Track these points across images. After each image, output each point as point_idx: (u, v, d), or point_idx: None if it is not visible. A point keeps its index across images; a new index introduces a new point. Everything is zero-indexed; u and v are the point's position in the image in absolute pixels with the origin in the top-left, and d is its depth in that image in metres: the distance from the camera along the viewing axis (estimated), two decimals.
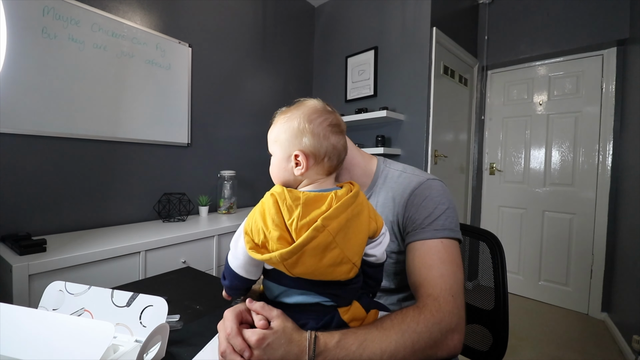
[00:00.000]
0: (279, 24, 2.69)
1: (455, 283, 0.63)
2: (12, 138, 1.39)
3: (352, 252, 0.51)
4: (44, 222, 1.49)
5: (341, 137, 0.60)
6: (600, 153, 2.46)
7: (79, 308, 0.62)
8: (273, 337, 0.49)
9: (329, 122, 0.58)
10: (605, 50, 2.42)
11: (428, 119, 2.28)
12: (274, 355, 0.48)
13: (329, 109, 0.61)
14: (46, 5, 1.45)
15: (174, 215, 1.90)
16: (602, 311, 2.40)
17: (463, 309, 0.61)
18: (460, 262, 0.67)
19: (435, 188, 0.75)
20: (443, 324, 0.57)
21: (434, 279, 0.62)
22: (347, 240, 0.51)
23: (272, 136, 0.62)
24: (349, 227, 0.51)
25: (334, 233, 0.49)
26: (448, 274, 0.63)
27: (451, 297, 0.60)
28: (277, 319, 0.51)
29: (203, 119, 2.16)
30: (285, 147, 0.58)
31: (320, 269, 0.49)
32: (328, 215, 0.49)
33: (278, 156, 0.60)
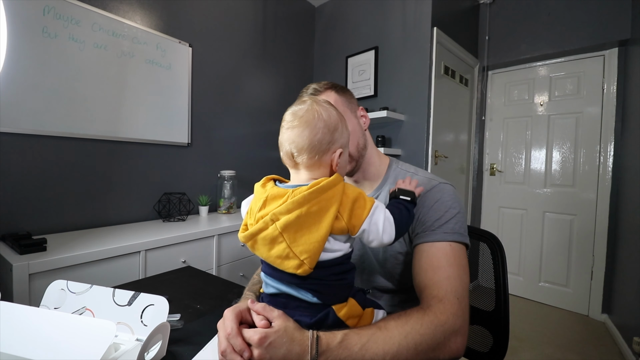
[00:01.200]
0: (279, 23, 2.69)
1: (460, 286, 0.63)
2: (12, 137, 1.39)
3: (300, 249, 0.52)
4: (44, 222, 1.49)
5: (285, 132, 0.60)
6: (601, 154, 2.45)
7: (80, 307, 0.62)
8: (275, 335, 0.49)
9: (284, 118, 0.63)
10: (606, 51, 2.42)
11: (428, 120, 2.28)
12: (276, 354, 0.48)
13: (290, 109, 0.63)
14: (47, 4, 1.45)
15: (174, 215, 1.90)
16: (602, 313, 2.40)
17: (467, 312, 0.62)
18: (466, 266, 0.67)
19: (447, 192, 0.76)
20: (446, 326, 0.57)
21: (440, 281, 0.63)
22: (297, 235, 0.52)
23: None
24: (301, 224, 0.52)
25: (281, 228, 0.52)
26: (454, 277, 0.63)
27: (456, 299, 0.60)
28: (279, 319, 0.51)
29: (203, 119, 2.16)
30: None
31: (270, 258, 0.54)
32: (278, 210, 0.53)
33: None
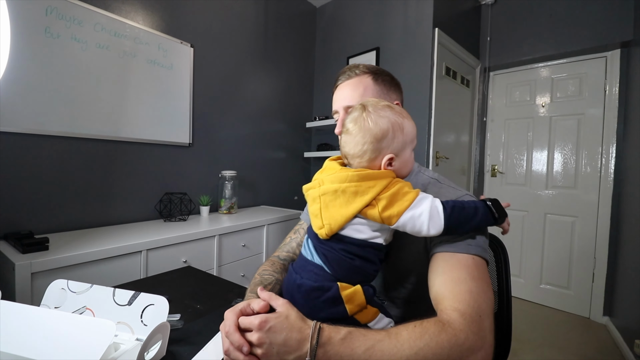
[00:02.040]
0: (280, 24, 2.70)
1: (484, 302, 0.56)
2: (15, 137, 1.40)
3: (326, 215, 0.60)
4: (46, 221, 1.49)
5: (341, 137, 0.69)
6: (603, 156, 2.45)
7: (80, 306, 0.62)
8: (275, 321, 0.50)
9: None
10: (608, 52, 2.41)
11: (430, 120, 2.28)
12: (275, 339, 0.49)
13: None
14: (49, 5, 1.46)
15: (175, 215, 1.90)
16: (603, 315, 2.39)
17: (491, 332, 0.54)
18: (490, 283, 0.61)
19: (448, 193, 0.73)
20: (465, 345, 0.50)
21: (462, 294, 0.56)
22: (329, 203, 0.60)
23: None
24: (336, 197, 0.59)
25: (320, 192, 0.61)
26: (478, 292, 0.56)
27: (479, 316, 0.53)
28: (283, 306, 0.53)
29: (204, 119, 2.17)
30: None
31: (309, 211, 0.65)
32: (326, 178, 0.63)
33: None
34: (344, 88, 0.81)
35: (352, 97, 0.79)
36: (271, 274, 0.79)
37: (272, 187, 2.69)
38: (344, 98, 0.80)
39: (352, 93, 0.79)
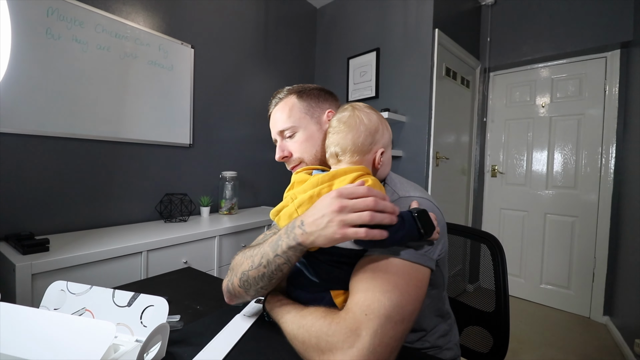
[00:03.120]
0: (280, 25, 2.70)
1: (378, 304, 0.51)
2: (15, 138, 1.40)
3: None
4: (46, 222, 1.50)
5: (330, 137, 0.72)
6: (603, 156, 2.45)
7: (80, 308, 0.62)
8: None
9: (330, 124, 0.77)
10: (608, 53, 2.41)
11: (430, 121, 2.28)
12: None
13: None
14: (50, 6, 1.46)
15: (175, 216, 1.91)
16: (604, 315, 2.39)
17: (379, 339, 0.49)
18: (405, 289, 0.55)
19: (406, 205, 0.65)
20: (332, 338, 0.50)
21: (358, 292, 0.55)
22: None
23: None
24: (314, 199, 0.59)
25: (296, 205, 0.62)
26: (377, 291, 0.53)
27: (363, 315, 0.51)
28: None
29: (205, 120, 2.17)
30: None
31: None
32: (298, 190, 0.64)
33: None
34: (274, 114, 0.83)
35: (282, 120, 0.80)
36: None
37: (273, 188, 2.70)
38: (276, 123, 0.82)
39: (280, 116, 0.81)
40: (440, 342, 0.75)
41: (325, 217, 0.52)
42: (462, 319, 0.98)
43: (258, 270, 0.61)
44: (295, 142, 0.80)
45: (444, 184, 2.52)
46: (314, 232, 0.53)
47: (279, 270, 0.60)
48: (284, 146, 0.81)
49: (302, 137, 0.79)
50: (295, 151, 0.80)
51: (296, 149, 0.80)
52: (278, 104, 0.83)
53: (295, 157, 0.80)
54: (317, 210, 0.54)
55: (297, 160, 0.80)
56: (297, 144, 0.79)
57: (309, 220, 0.54)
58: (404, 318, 0.53)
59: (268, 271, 0.60)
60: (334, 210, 0.51)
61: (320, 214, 0.53)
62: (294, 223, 0.57)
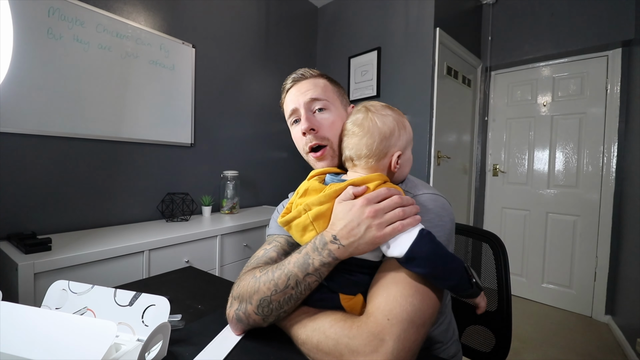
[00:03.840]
0: (282, 24, 2.70)
1: (398, 307, 0.51)
2: (17, 138, 1.40)
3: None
4: (49, 221, 1.50)
5: (345, 140, 0.71)
6: (605, 155, 2.44)
7: (81, 307, 0.62)
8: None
9: (344, 127, 0.74)
10: (610, 51, 2.40)
11: (431, 120, 2.28)
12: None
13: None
14: (52, 6, 1.46)
15: (177, 215, 1.91)
16: (605, 314, 2.38)
17: (403, 340, 0.49)
18: (423, 289, 0.55)
19: (421, 203, 0.65)
20: (354, 342, 0.49)
21: (378, 297, 0.54)
22: (325, 227, 0.59)
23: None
24: (329, 216, 0.59)
25: (312, 217, 0.59)
26: (396, 297, 0.53)
27: (386, 320, 0.50)
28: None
29: (206, 119, 2.17)
30: None
31: (303, 243, 0.61)
32: (311, 201, 0.60)
33: None
34: (302, 84, 0.78)
35: (315, 91, 0.76)
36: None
37: (274, 187, 2.70)
38: (305, 92, 0.76)
39: (314, 88, 0.76)
40: (441, 338, 0.75)
41: (362, 225, 0.54)
42: (464, 318, 0.98)
43: (284, 293, 0.57)
44: (326, 119, 0.75)
45: (446, 183, 2.51)
46: (353, 243, 0.54)
47: (309, 289, 0.57)
48: (312, 118, 0.74)
49: (332, 116, 0.75)
50: (325, 129, 0.74)
51: (327, 126, 0.74)
52: (307, 79, 0.78)
53: (322, 135, 0.74)
54: (349, 221, 0.55)
55: (323, 139, 0.74)
56: (327, 121, 0.74)
57: (343, 232, 0.55)
58: (425, 322, 0.53)
59: (296, 292, 0.57)
60: (369, 217, 0.54)
61: (355, 223, 0.54)
62: (323, 239, 0.56)
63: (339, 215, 0.57)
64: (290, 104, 0.78)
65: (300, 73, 0.79)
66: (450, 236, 0.64)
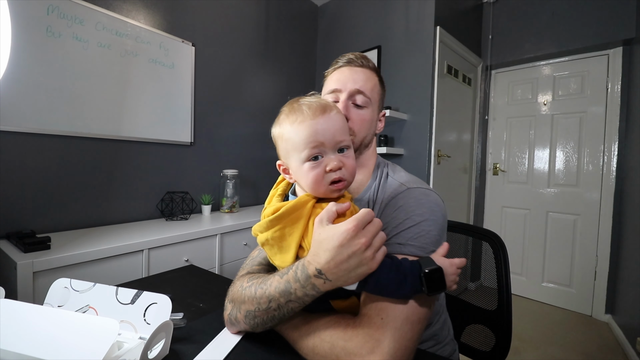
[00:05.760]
0: (282, 23, 2.69)
1: (391, 305, 0.50)
2: (16, 136, 1.40)
3: (277, 264, 0.58)
4: (48, 220, 1.50)
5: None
6: (605, 154, 2.44)
7: (83, 305, 0.62)
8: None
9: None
10: (610, 50, 2.40)
11: (431, 119, 2.28)
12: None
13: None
14: (50, 4, 1.46)
15: (176, 214, 1.91)
16: (606, 313, 2.39)
17: (398, 342, 0.48)
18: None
19: (414, 197, 0.64)
20: (350, 344, 0.49)
21: (369, 297, 0.53)
22: (270, 253, 0.58)
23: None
24: (272, 245, 0.56)
25: (260, 243, 0.59)
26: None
27: (380, 319, 0.50)
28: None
29: (206, 118, 2.17)
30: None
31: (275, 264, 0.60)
32: (256, 227, 0.58)
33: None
34: (357, 71, 0.75)
35: (365, 85, 0.73)
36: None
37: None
38: (356, 80, 0.73)
39: (365, 81, 0.74)
40: (436, 336, 0.75)
41: (354, 259, 0.46)
42: (463, 317, 0.98)
43: (267, 312, 0.55)
44: (361, 115, 0.72)
45: (446, 182, 2.51)
46: (341, 278, 0.48)
47: (292, 312, 0.54)
48: (349, 108, 0.72)
49: (368, 115, 0.73)
50: (356, 123, 0.72)
51: (358, 121, 0.72)
52: (363, 68, 0.75)
53: (350, 127, 0.71)
54: (337, 254, 0.46)
55: (350, 131, 0.71)
56: (360, 117, 0.72)
57: (330, 266, 0.47)
58: (420, 318, 0.52)
59: (279, 314, 0.54)
60: (361, 249, 0.46)
61: (345, 255, 0.46)
62: (305, 272, 0.50)
63: (323, 244, 0.48)
64: (335, 82, 0.75)
65: (360, 60, 0.76)
66: (442, 231, 0.63)
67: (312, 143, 0.54)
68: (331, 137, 0.55)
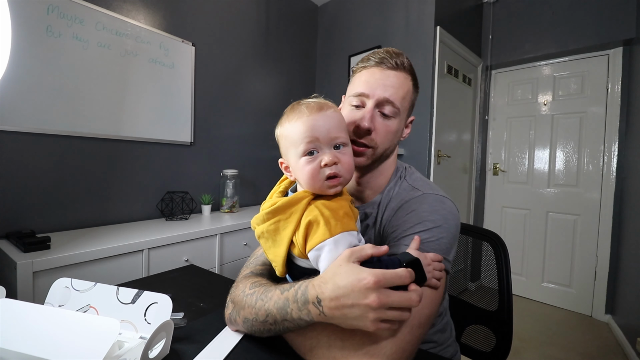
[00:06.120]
0: (282, 23, 2.69)
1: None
2: (16, 136, 1.40)
3: (271, 257, 0.60)
4: (48, 220, 1.49)
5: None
6: (605, 154, 2.44)
7: (84, 304, 0.62)
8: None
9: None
10: (611, 50, 2.41)
11: (431, 119, 2.28)
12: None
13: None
14: (50, 3, 1.46)
15: (176, 214, 1.90)
16: (605, 313, 2.39)
17: (392, 341, 0.48)
18: (424, 293, 0.51)
19: (428, 202, 0.63)
20: (346, 344, 0.49)
21: None
22: (265, 246, 0.60)
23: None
24: (267, 238, 0.58)
25: (257, 235, 0.61)
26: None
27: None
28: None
29: (206, 118, 2.17)
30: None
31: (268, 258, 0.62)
32: (254, 219, 0.61)
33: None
34: (390, 75, 0.67)
35: (397, 94, 0.66)
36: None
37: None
38: (389, 87, 0.66)
39: (398, 89, 0.67)
40: (437, 337, 0.75)
41: (356, 309, 0.43)
42: (464, 317, 0.98)
43: (264, 325, 0.55)
44: (387, 126, 0.67)
45: (446, 182, 2.51)
46: (336, 318, 0.46)
47: (288, 330, 0.54)
48: (375, 119, 0.66)
49: (395, 126, 0.68)
50: (381, 135, 0.67)
51: (384, 133, 0.67)
52: (397, 72, 0.67)
53: (373, 137, 0.66)
54: (344, 295, 0.44)
55: (371, 141, 0.66)
56: (386, 128, 0.67)
57: (331, 302, 0.45)
58: (422, 323, 0.51)
59: (275, 328, 0.54)
60: (369, 306, 0.42)
61: (350, 301, 0.43)
62: (306, 294, 0.48)
63: (336, 278, 0.45)
64: (363, 85, 0.68)
65: (394, 59, 0.67)
66: (453, 240, 0.62)
67: (307, 138, 0.55)
68: (326, 133, 0.55)
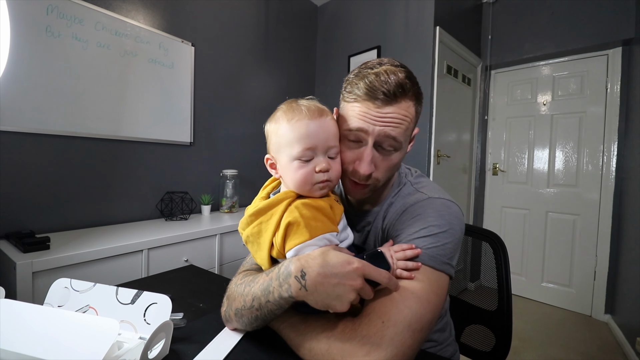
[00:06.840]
0: (281, 23, 2.69)
1: (394, 309, 0.50)
2: (16, 136, 1.40)
3: (258, 260, 0.62)
4: (47, 220, 1.49)
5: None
6: (605, 154, 2.44)
7: (84, 305, 0.62)
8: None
9: None
10: (610, 50, 2.41)
11: (431, 119, 2.28)
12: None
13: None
14: (50, 4, 1.45)
15: (176, 214, 1.90)
16: (605, 313, 2.39)
17: (392, 344, 0.47)
18: (426, 296, 0.53)
19: (434, 207, 0.62)
20: (345, 346, 0.48)
21: (374, 299, 0.52)
22: (252, 250, 0.61)
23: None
24: (252, 241, 0.60)
25: (243, 239, 0.62)
26: (392, 298, 0.51)
27: (381, 322, 0.49)
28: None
29: (205, 118, 2.17)
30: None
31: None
32: (240, 224, 0.62)
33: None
34: (389, 109, 0.59)
35: (399, 128, 0.60)
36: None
37: None
38: (389, 123, 0.59)
39: (400, 122, 0.60)
40: (436, 337, 0.75)
41: (340, 288, 0.47)
42: (464, 317, 0.98)
43: (251, 311, 0.56)
44: (388, 161, 0.63)
45: (445, 182, 2.51)
46: (316, 294, 0.47)
47: (273, 314, 0.55)
48: (376, 160, 0.62)
49: (397, 159, 0.64)
50: (382, 171, 0.64)
51: (384, 169, 0.64)
52: (399, 103, 0.59)
53: (374, 176, 0.63)
54: (331, 272, 0.47)
55: (372, 180, 0.64)
56: (387, 163, 0.63)
57: (317, 277, 0.47)
58: (423, 327, 0.51)
59: (261, 314, 0.55)
60: (354, 287, 0.47)
61: (336, 280, 0.46)
62: (289, 267, 0.50)
63: (326, 255, 0.49)
64: (359, 119, 0.60)
65: (392, 88, 0.58)
66: (457, 245, 0.61)
67: (306, 144, 0.57)
68: (324, 142, 0.58)
